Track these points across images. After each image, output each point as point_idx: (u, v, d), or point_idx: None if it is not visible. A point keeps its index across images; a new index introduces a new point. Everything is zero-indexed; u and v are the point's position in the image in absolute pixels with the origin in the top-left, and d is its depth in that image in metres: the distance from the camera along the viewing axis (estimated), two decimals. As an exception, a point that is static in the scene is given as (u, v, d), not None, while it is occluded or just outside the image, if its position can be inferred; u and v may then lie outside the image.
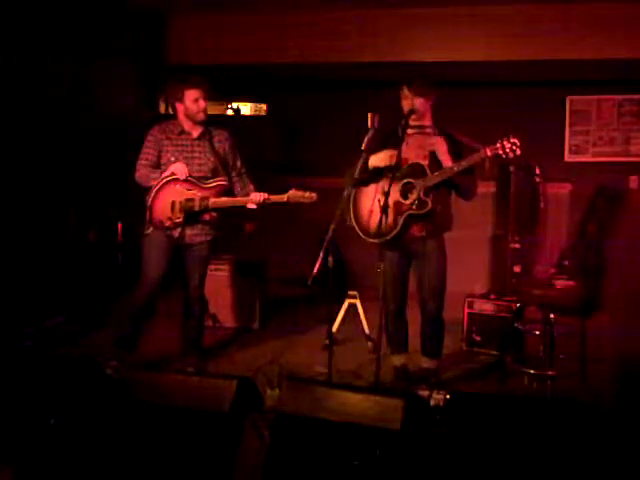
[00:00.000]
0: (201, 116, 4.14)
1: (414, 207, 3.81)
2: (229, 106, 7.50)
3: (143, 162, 4.17)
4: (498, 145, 3.63)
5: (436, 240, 3.95)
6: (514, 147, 3.61)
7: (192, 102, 4.09)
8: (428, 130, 3.93)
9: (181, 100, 4.11)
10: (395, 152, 3.75)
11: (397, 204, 3.83)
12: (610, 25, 6.09)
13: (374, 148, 3.86)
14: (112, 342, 4.27)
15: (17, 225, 5.25)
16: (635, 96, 6.62)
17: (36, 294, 5.25)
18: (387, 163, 3.82)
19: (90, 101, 5.93)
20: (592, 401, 3.88)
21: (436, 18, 6.47)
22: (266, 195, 4.15)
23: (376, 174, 3.90)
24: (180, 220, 4.10)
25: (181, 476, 2.53)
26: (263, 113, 7.69)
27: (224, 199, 4.16)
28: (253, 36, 6.80)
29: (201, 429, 2.54)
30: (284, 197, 4.13)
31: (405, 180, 3.83)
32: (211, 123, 4.31)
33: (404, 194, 3.85)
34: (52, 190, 5.57)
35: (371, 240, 3.90)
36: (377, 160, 3.88)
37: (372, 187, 3.94)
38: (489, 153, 3.65)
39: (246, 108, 7.72)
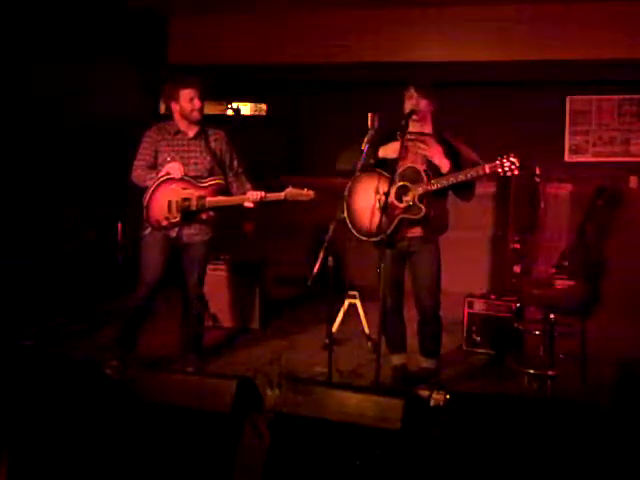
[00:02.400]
0: (196, 115, 4.14)
1: (407, 212, 3.81)
2: (229, 106, 7.51)
3: (140, 163, 4.18)
4: (497, 163, 3.65)
5: (432, 242, 3.96)
6: (512, 166, 3.62)
7: (187, 101, 4.09)
8: (427, 138, 3.92)
9: (177, 100, 4.12)
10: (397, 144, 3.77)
11: (391, 206, 3.82)
12: (610, 25, 6.10)
13: (373, 149, 3.86)
14: (112, 342, 4.27)
15: (17, 225, 5.25)
16: (635, 96, 6.62)
17: (37, 294, 5.25)
18: (397, 155, 3.79)
19: (90, 101, 5.93)
20: (592, 401, 3.88)
21: (436, 18, 6.47)
22: (263, 193, 4.16)
23: (382, 164, 3.88)
24: (177, 220, 4.10)
25: (181, 476, 2.53)
26: (263, 113, 7.69)
27: (221, 198, 4.16)
28: (253, 36, 6.80)
29: (201, 429, 2.54)
30: (281, 195, 4.14)
31: (401, 183, 3.83)
32: (210, 123, 4.31)
33: (399, 197, 3.84)
34: (52, 190, 5.58)
35: (362, 238, 3.91)
36: (387, 151, 3.87)
37: (367, 184, 3.91)
38: (487, 171, 3.67)
39: (246, 108, 7.71)
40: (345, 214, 3.96)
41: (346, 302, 5.05)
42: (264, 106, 7.67)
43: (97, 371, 2.95)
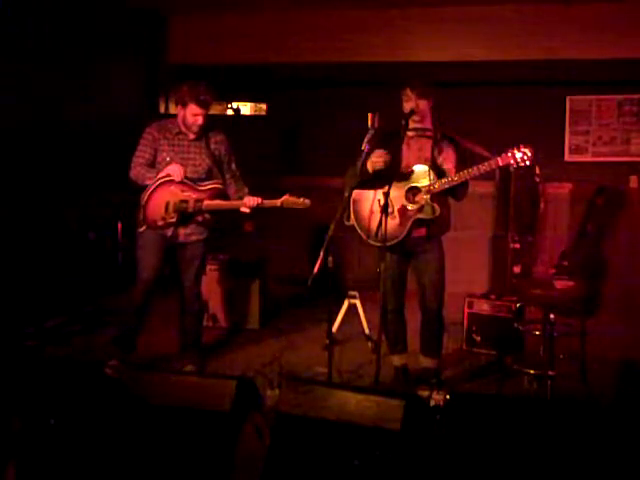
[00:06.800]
0: (194, 129, 4.14)
1: (422, 213, 3.77)
2: (229, 106, 7.50)
3: (139, 160, 4.17)
4: (510, 154, 3.60)
5: (436, 240, 3.95)
6: (525, 157, 3.58)
7: (191, 115, 4.09)
8: (429, 133, 3.91)
9: (183, 107, 4.11)
10: (383, 152, 3.73)
11: (403, 209, 3.80)
12: (610, 25, 6.10)
13: (374, 149, 3.84)
14: (112, 342, 4.27)
15: (18, 225, 5.25)
16: (635, 96, 6.61)
17: (37, 294, 5.25)
18: (381, 164, 3.76)
19: (90, 101, 5.93)
20: (592, 401, 3.87)
21: (436, 18, 6.47)
22: (260, 200, 4.17)
23: (378, 177, 3.84)
24: (174, 220, 4.11)
25: (181, 476, 2.53)
26: (263, 113, 7.69)
27: (218, 202, 4.17)
28: (253, 36, 6.81)
29: (201, 429, 2.54)
30: (278, 202, 4.15)
31: (410, 185, 3.81)
32: (210, 123, 4.30)
33: (409, 199, 3.83)
34: (52, 190, 5.57)
35: (375, 243, 3.75)
36: (371, 165, 3.81)
37: (372, 189, 3.89)
38: (501, 163, 3.62)
39: (246, 108, 7.71)
40: (353, 221, 3.95)
41: (346, 302, 5.05)
42: (264, 106, 7.67)
43: (97, 371, 2.95)
